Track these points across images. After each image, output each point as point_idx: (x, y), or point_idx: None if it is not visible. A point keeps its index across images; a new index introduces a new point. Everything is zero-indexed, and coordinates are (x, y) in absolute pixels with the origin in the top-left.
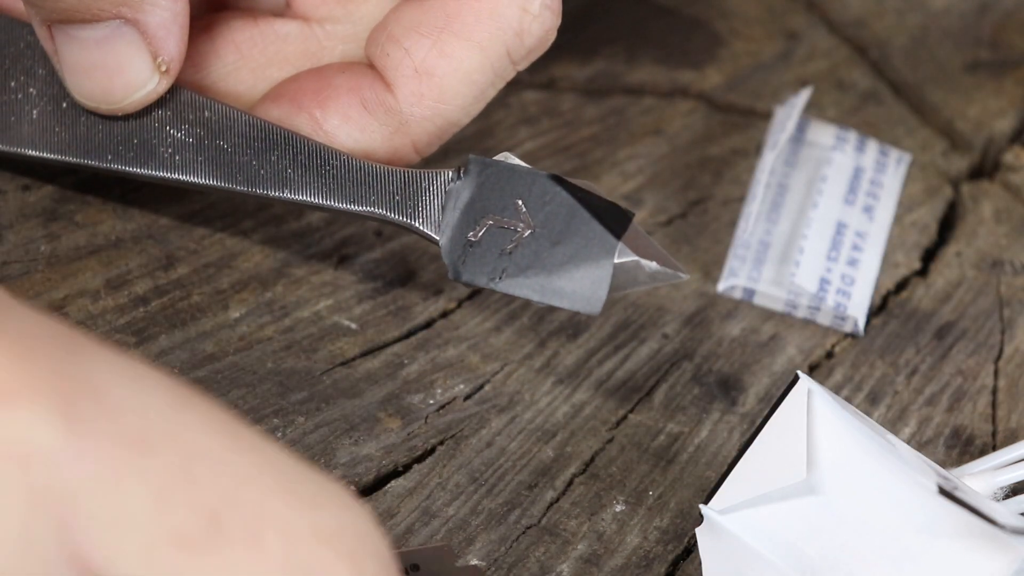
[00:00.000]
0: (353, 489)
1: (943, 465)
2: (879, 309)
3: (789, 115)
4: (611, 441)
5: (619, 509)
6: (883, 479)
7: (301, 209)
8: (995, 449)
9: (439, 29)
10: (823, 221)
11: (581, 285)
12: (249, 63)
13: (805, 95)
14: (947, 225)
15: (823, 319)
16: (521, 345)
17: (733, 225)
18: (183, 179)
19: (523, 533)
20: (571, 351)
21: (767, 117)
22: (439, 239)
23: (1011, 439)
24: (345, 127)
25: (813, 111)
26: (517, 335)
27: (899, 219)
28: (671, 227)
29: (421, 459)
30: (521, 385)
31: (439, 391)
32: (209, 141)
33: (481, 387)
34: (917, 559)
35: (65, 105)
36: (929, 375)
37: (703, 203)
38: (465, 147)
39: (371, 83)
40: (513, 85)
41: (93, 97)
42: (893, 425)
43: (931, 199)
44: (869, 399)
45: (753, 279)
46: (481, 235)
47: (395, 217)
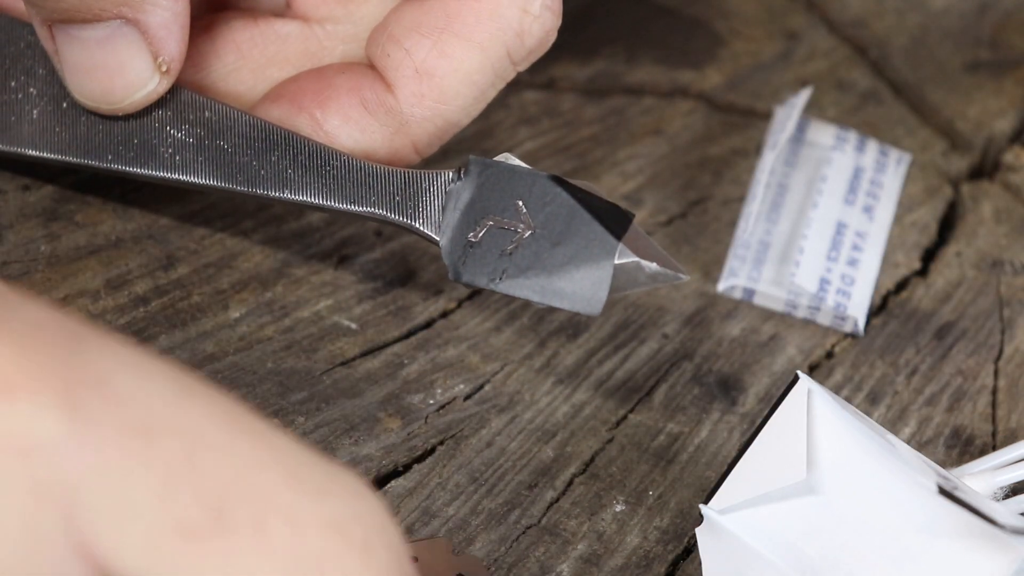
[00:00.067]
0: (365, 478)
1: (943, 465)
2: (879, 309)
3: (789, 115)
4: (611, 441)
5: (619, 509)
6: (883, 479)
7: (301, 209)
8: (995, 449)
9: (440, 29)
10: (823, 221)
11: (581, 286)
12: (249, 63)
13: (805, 95)
14: (947, 225)
15: (823, 319)
16: (521, 345)
17: (733, 225)
18: (183, 179)
19: (523, 533)
20: (571, 351)
21: (767, 117)
22: (439, 239)
23: (1011, 439)
24: (345, 127)
25: (813, 111)
26: (517, 335)
27: (899, 219)
28: (671, 227)
29: (421, 459)
30: (521, 385)
31: (439, 391)
32: (209, 141)
33: (481, 387)
34: (917, 559)
35: (65, 105)
36: (929, 375)
37: (703, 203)
38: (465, 147)
39: (371, 83)
40: (513, 85)
41: (93, 97)
42: (893, 425)
43: (931, 199)
44: (869, 399)
45: (753, 279)
46: (481, 236)
47: (395, 217)
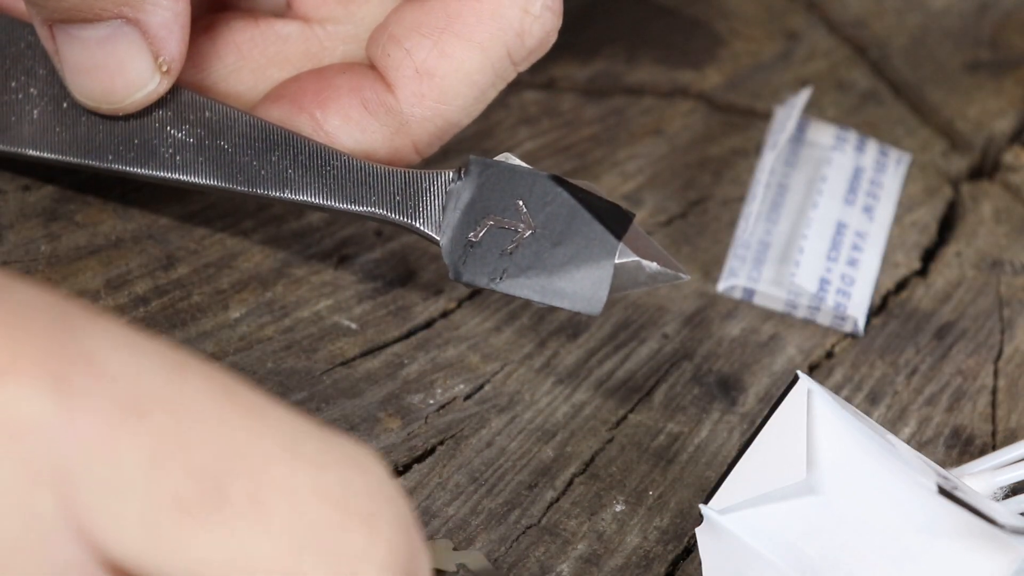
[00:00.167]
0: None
1: (943, 465)
2: (879, 309)
3: (789, 115)
4: (611, 441)
5: (619, 509)
6: (883, 479)
7: (302, 209)
8: (995, 449)
9: (440, 30)
10: (823, 221)
11: (582, 286)
12: (250, 63)
13: (805, 95)
14: (947, 225)
15: (823, 319)
16: (521, 345)
17: (733, 225)
18: (184, 179)
19: (523, 533)
20: (571, 351)
21: (767, 117)
22: (440, 239)
23: (1011, 439)
24: (346, 127)
25: (813, 111)
26: (517, 335)
27: (899, 219)
28: (671, 227)
29: (421, 459)
30: (521, 385)
31: (439, 391)
32: (210, 141)
33: (481, 387)
34: (917, 559)
35: (66, 105)
36: (929, 375)
37: (703, 203)
38: (465, 147)
39: (372, 84)
40: (513, 85)
41: (94, 97)
42: (893, 425)
43: (931, 199)
44: (869, 399)
45: (753, 279)
46: (482, 235)
47: (396, 217)
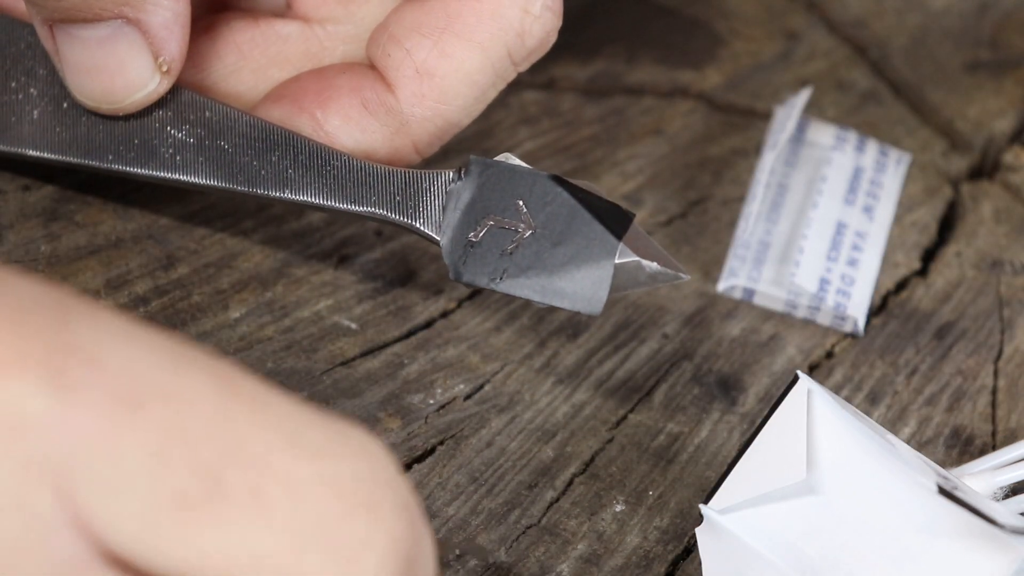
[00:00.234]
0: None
1: (943, 465)
2: (879, 309)
3: (789, 115)
4: (611, 441)
5: (619, 509)
6: (883, 479)
7: (302, 209)
8: (995, 449)
9: (440, 30)
10: (823, 221)
11: (582, 285)
12: (250, 64)
13: (805, 95)
14: (947, 225)
15: (823, 319)
16: (521, 345)
17: (733, 225)
18: (184, 179)
19: (523, 533)
20: (571, 351)
21: (767, 117)
22: (440, 239)
23: (1011, 439)
24: (346, 127)
25: (813, 111)
26: (517, 335)
27: (899, 219)
28: (671, 227)
29: (421, 459)
30: (521, 385)
31: (439, 391)
32: (210, 141)
33: (481, 387)
34: (917, 559)
35: (66, 105)
36: (929, 375)
37: (703, 203)
38: (465, 147)
39: (372, 84)
40: (513, 85)
41: (94, 97)
42: (893, 425)
43: (931, 199)
44: (869, 399)
45: (753, 279)
46: (482, 235)
47: (396, 217)
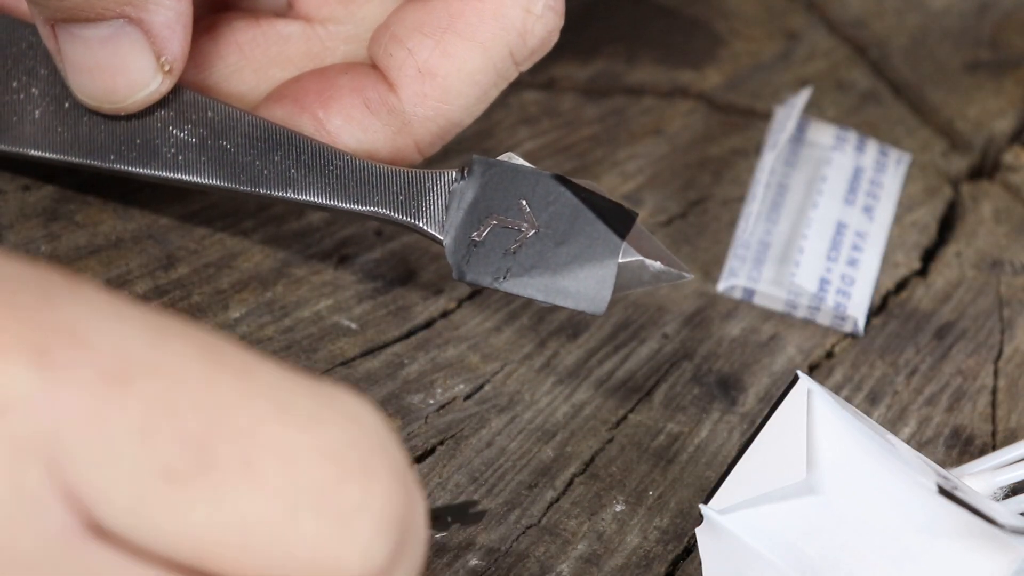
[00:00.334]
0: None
1: (943, 465)
2: (879, 309)
3: (789, 115)
4: (611, 441)
5: (619, 509)
6: (883, 479)
7: (303, 209)
8: (995, 449)
9: (442, 29)
10: (823, 221)
11: (585, 285)
12: (252, 63)
13: (805, 95)
14: (947, 225)
15: (823, 319)
16: (521, 345)
17: (733, 225)
18: (186, 179)
19: (523, 533)
20: (571, 351)
21: (767, 117)
22: (443, 239)
23: (1011, 439)
24: (348, 127)
25: (813, 111)
26: (517, 335)
27: (899, 219)
28: (671, 227)
29: (421, 459)
30: (521, 385)
31: (439, 391)
32: (212, 141)
33: (481, 387)
34: (917, 559)
35: (67, 105)
36: (929, 375)
37: (703, 203)
38: (465, 147)
39: (374, 83)
40: (513, 85)
41: (96, 97)
42: (893, 425)
43: (931, 199)
44: (869, 399)
45: (753, 279)
46: (485, 235)
47: (399, 217)
